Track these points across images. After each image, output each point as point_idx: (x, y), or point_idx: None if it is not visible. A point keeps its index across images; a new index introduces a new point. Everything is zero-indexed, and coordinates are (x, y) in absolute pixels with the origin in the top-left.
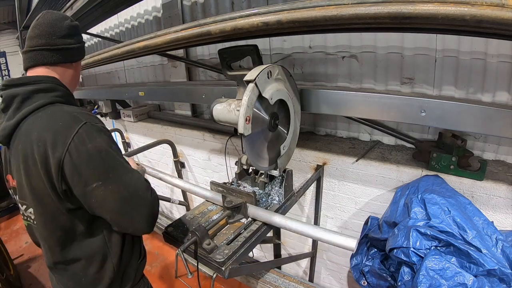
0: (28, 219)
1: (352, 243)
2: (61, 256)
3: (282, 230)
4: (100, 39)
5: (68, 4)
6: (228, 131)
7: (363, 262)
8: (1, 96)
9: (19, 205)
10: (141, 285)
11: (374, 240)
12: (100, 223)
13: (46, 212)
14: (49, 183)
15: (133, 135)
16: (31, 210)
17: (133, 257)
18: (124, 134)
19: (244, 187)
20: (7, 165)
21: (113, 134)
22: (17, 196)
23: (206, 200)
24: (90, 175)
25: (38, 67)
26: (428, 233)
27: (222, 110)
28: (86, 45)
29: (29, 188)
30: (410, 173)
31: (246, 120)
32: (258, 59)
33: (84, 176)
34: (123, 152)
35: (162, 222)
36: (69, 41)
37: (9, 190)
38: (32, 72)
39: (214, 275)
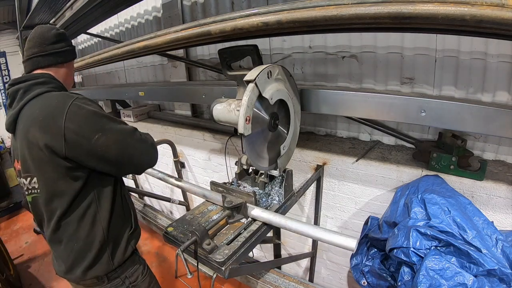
0: (33, 190)
1: (352, 243)
2: (57, 221)
3: (282, 230)
4: (100, 39)
5: (68, 4)
6: (228, 131)
7: (363, 262)
8: (8, 94)
9: (23, 180)
10: (136, 261)
11: (374, 240)
12: (93, 186)
13: (46, 178)
14: (51, 151)
15: None
16: (35, 179)
17: (124, 227)
18: None
19: (244, 187)
20: (14, 152)
21: None
22: (21, 175)
23: (206, 200)
24: (91, 130)
25: (35, 71)
26: (428, 233)
27: (222, 110)
28: (86, 45)
29: (31, 159)
30: (410, 173)
31: (246, 120)
32: (258, 59)
33: (87, 132)
34: None
35: (162, 222)
36: (57, 46)
37: (17, 179)
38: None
39: (214, 275)
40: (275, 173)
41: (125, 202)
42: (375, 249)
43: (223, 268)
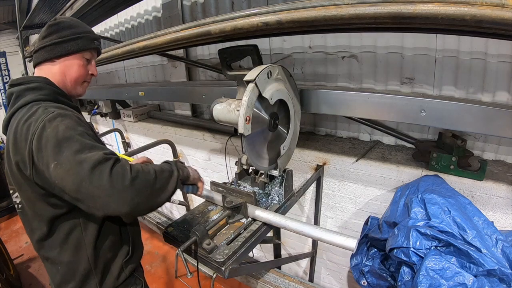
0: (17, 205)
1: (352, 243)
2: (39, 241)
3: (282, 230)
4: (100, 39)
5: (68, 4)
6: (228, 131)
7: (363, 262)
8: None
9: (11, 192)
10: (131, 284)
11: (374, 240)
12: (77, 212)
13: (26, 198)
14: (25, 170)
15: (133, 135)
16: (17, 194)
17: (117, 253)
18: (124, 134)
19: (244, 187)
20: None
21: (112, 134)
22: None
23: (206, 200)
24: (49, 156)
25: (35, 69)
26: (428, 233)
27: (222, 110)
28: None
29: (11, 174)
30: (410, 173)
31: (246, 120)
32: (258, 59)
33: (45, 158)
34: (122, 152)
35: (162, 222)
36: (45, 40)
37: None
38: (35, 73)
39: (214, 275)
40: (275, 173)
41: (123, 227)
42: (375, 249)
43: (223, 268)
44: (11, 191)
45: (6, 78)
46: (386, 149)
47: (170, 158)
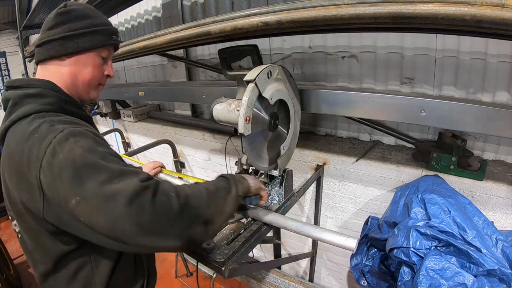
0: (16, 232)
1: (352, 243)
2: (45, 276)
3: (282, 230)
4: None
5: None
6: (228, 131)
7: (363, 262)
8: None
9: (9, 217)
10: None
11: (374, 240)
12: (90, 248)
13: (27, 228)
14: (29, 203)
15: (133, 135)
16: (15, 222)
17: None
18: (124, 134)
19: None
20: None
21: (112, 134)
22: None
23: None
24: (67, 190)
25: (38, 67)
26: (428, 233)
27: (222, 110)
28: None
29: (9, 200)
30: (410, 173)
31: (246, 120)
32: (258, 59)
33: (62, 192)
34: (122, 152)
35: None
36: (52, 32)
37: None
38: (37, 73)
39: (214, 275)
40: (275, 173)
41: (139, 259)
42: (375, 249)
43: (223, 268)
44: (9, 217)
45: (6, 78)
46: (386, 149)
47: (170, 158)
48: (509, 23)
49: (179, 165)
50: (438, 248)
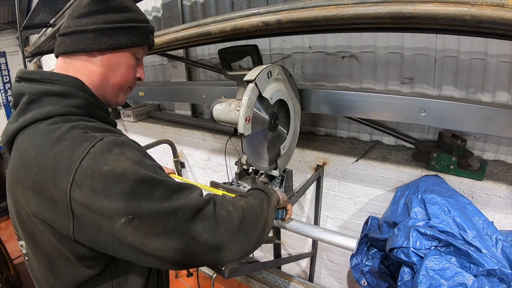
0: (24, 256)
1: (352, 243)
2: None
3: (282, 230)
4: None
5: (68, 4)
6: (228, 131)
7: (363, 262)
8: (12, 91)
9: (16, 237)
10: None
11: (374, 240)
12: (115, 274)
13: (40, 252)
14: (46, 225)
15: (133, 135)
16: (23, 243)
17: None
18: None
19: (244, 187)
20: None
21: None
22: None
23: None
24: (114, 207)
25: (58, 58)
26: (428, 233)
27: (222, 110)
28: None
29: (18, 219)
30: (410, 173)
31: (246, 120)
32: (258, 59)
33: (106, 210)
34: None
35: None
36: (84, 22)
37: None
38: (56, 65)
39: (214, 275)
40: (275, 173)
41: (160, 278)
42: (375, 249)
43: (223, 268)
44: (16, 236)
45: (6, 78)
46: (386, 149)
47: (170, 158)
48: (509, 23)
49: (179, 165)
50: (438, 248)
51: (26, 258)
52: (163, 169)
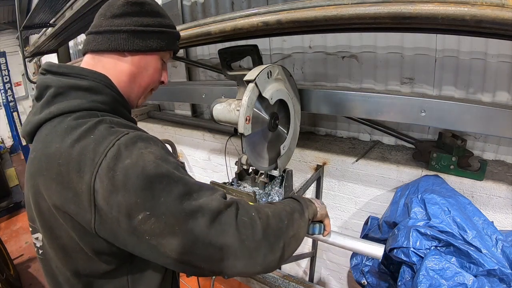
0: (39, 249)
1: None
2: None
3: None
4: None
5: (68, 4)
6: (228, 131)
7: (363, 262)
8: (37, 83)
9: (30, 229)
10: None
11: (374, 240)
12: (125, 267)
13: (57, 245)
14: (68, 217)
15: None
16: (39, 236)
17: None
18: None
19: (244, 187)
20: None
21: None
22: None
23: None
24: (132, 202)
25: (85, 55)
26: (428, 233)
27: (222, 110)
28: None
29: (37, 211)
30: (410, 173)
31: (246, 120)
32: (258, 59)
33: (125, 204)
34: None
35: None
36: (118, 22)
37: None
38: (83, 61)
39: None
40: (275, 173)
41: (175, 277)
42: None
43: None
44: (30, 229)
45: (6, 78)
46: (386, 149)
47: None
48: (509, 23)
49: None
50: (438, 248)
51: (41, 251)
52: (185, 169)
